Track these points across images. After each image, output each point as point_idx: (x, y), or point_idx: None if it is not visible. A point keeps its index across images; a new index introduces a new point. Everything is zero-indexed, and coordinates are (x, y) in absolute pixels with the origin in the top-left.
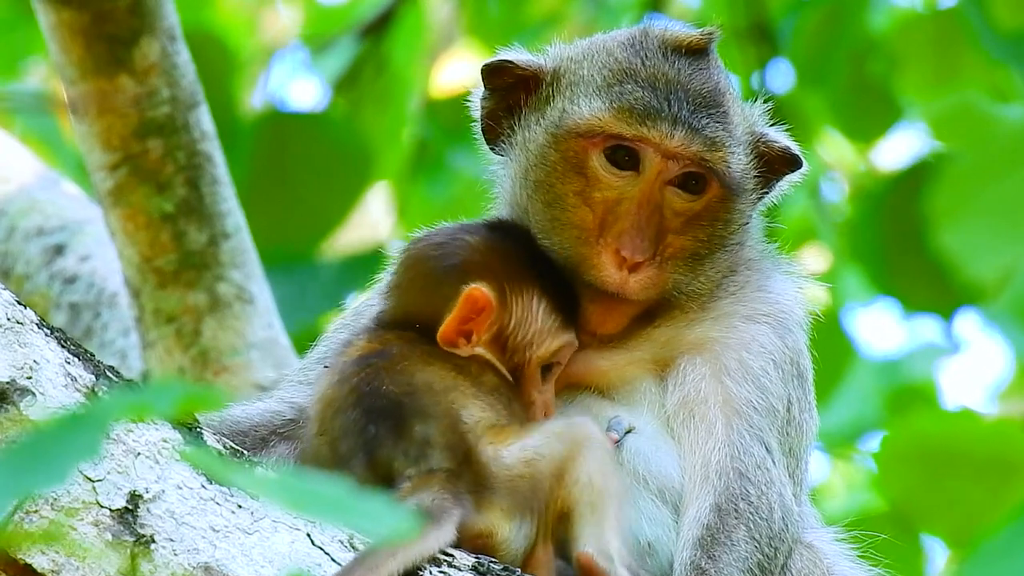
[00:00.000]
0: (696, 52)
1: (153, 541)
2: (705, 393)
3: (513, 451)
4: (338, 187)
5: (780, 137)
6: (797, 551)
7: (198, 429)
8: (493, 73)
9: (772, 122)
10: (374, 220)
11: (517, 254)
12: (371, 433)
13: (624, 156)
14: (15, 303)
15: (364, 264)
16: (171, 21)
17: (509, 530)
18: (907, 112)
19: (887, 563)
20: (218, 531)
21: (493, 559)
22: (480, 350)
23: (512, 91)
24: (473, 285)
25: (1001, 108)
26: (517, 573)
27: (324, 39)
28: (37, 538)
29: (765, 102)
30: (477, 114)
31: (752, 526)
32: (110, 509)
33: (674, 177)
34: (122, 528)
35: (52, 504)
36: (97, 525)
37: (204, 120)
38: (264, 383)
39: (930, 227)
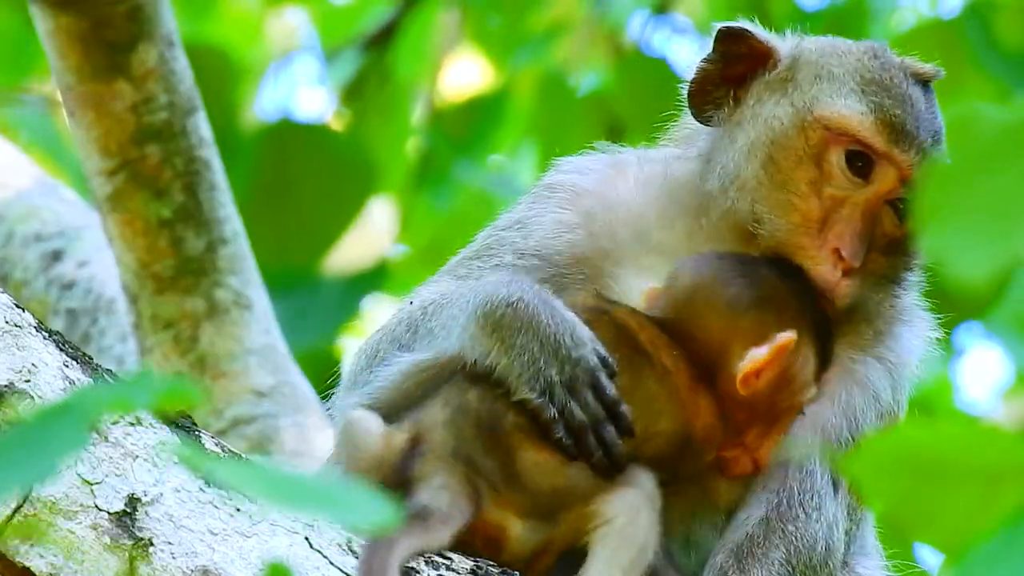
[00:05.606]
0: (927, 84)
1: (151, 544)
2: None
3: (550, 459)
4: (341, 199)
5: None
6: None
7: (196, 432)
8: (728, 38)
9: None
10: (376, 233)
11: (800, 294)
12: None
13: (859, 163)
14: (13, 306)
15: (368, 280)
16: (169, 27)
17: (523, 528)
18: None
19: None
20: (216, 534)
21: (492, 563)
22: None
23: (736, 62)
24: (788, 334)
25: (991, 108)
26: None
27: (328, 49)
28: (27, 531)
29: None
30: (691, 76)
31: (792, 551)
32: (108, 512)
33: (894, 198)
34: (120, 531)
35: (50, 507)
36: (95, 528)
37: (202, 126)
38: (262, 389)
39: (917, 230)
